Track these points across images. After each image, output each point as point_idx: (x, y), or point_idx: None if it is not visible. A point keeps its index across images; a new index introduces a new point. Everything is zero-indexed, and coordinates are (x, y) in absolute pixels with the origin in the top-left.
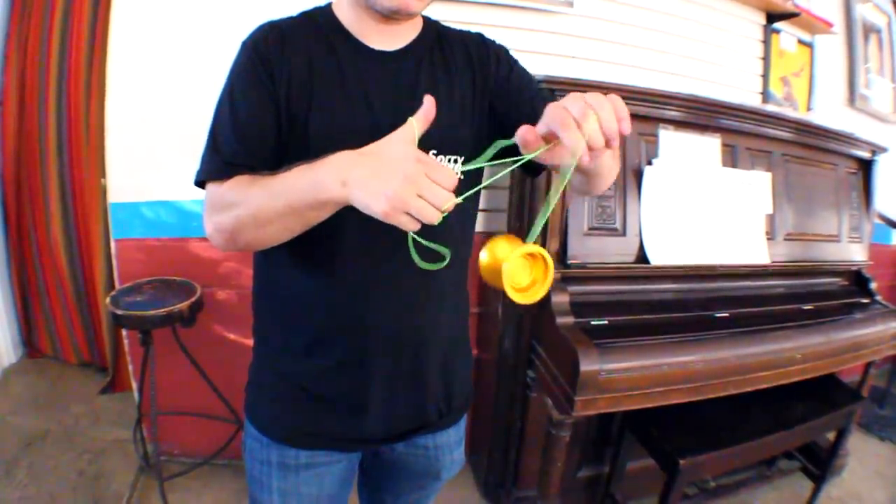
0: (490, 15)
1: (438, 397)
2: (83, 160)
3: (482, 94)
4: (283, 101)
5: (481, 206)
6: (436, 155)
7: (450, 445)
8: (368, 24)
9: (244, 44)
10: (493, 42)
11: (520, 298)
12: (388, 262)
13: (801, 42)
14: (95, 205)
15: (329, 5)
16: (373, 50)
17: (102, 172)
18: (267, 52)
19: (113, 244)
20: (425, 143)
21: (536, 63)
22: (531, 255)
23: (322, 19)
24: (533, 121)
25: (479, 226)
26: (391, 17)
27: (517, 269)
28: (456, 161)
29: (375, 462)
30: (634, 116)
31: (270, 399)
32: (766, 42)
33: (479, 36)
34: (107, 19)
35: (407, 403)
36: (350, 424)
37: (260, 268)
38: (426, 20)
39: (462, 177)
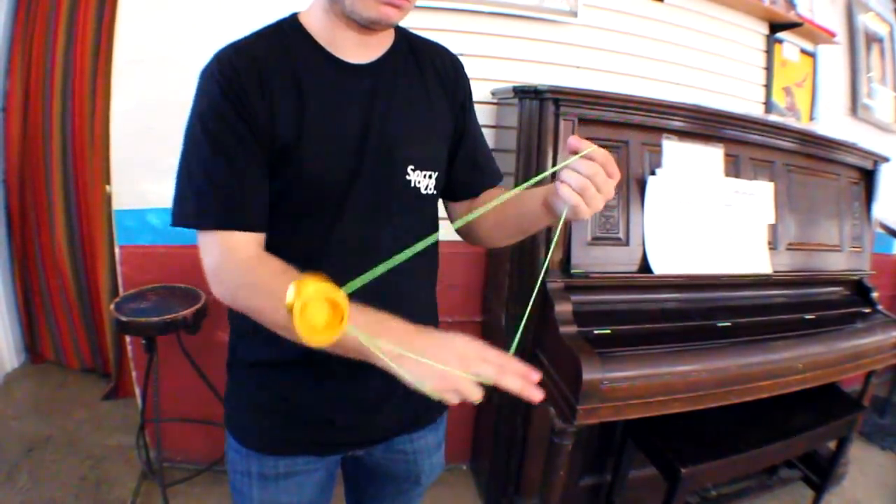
0: (494, 25)
1: (413, 399)
2: (87, 166)
3: (451, 114)
4: (269, 136)
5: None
6: (413, 170)
7: (429, 450)
8: (344, 35)
9: (208, 76)
10: (461, 66)
11: (310, 338)
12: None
13: (803, 52)
14: (99, 211)
15: (294, 16)
16: (349, 64)
17: (107, 179)
18: (240, 85)
19: (117, 251)
20: (404, 159)
21: (541, 73)
22: (332, 301)
23: (291, 34)
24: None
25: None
26: (369, 27)
27: (318, 309)
28: (430, 177)
29: (358, 468)
30: (638, 126)
31: (248, 409)
32: (769, 52)
33: (450, 53)
34: (112, 24)
35: (382, 406)
36: (326, 429)
37: None
38: (397, 28)
39: (432, 192)
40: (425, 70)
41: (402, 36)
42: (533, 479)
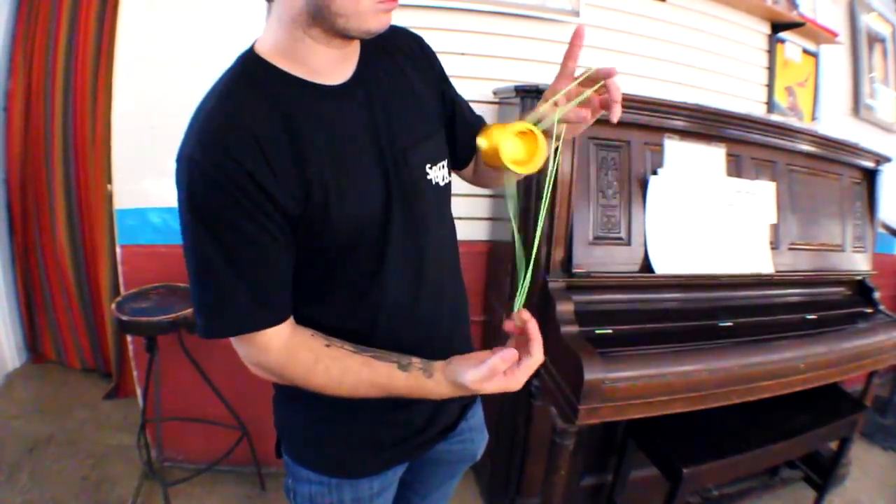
0: (496, 24)
1: None
2: (89, 165)
3: (437, 94)
4: (291, 210)
5: (486, 214)
6: (430, 168)
7: (480, 425)
8: (323, 56)
9: (198, 175)
10: (421, 38)
11: (522, 170)
12: (419, 290)
13: (805, 52)
14: (101, 210)
15: (253, 53)
16: (336, 87)
17: (108, 178)
18: (245, 173)
19: (118, 250)
20: (421, 161)
21: (542, 72)
22: (522, 132)
23: (263, 76)
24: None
25: (485, 234)
26: (355, 38)
27: (512, 145)
28: (443, 167)
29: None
30: (640, 126)
31: (325, 440)
32: (771, 52)
33: (405, 30)
34: (113, 24)
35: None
36: (414, 432)
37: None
38: None
39: (448, 180)
40: (397, 59)
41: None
42: (534, 478)
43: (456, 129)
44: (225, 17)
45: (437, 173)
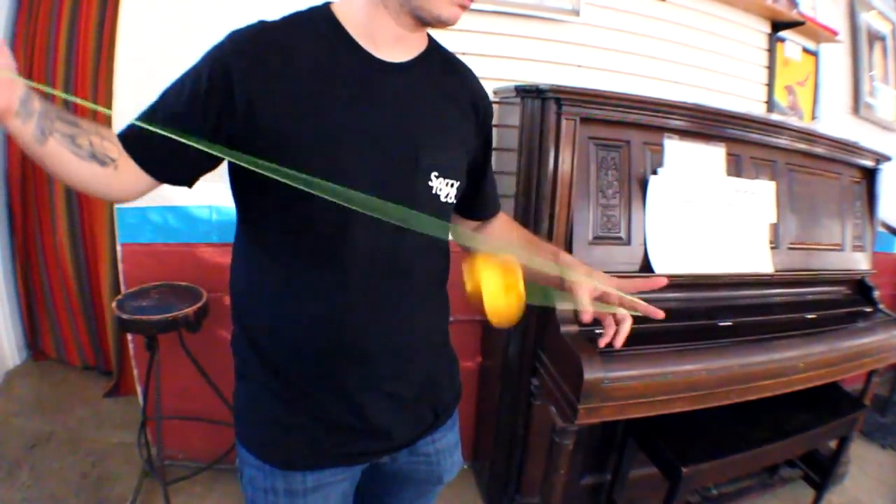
0: (496, 23)
1: (432, 398)
2: None
3: (478, 137)
4: (244, 125)
5: None
6: (437, 177)
7: (450, 448)
8: (386, 30)
9: (224, 44)
10: (490, 103)
11: (495, 318)
12: (379, 282)
13: (805, 51)
14: (101, 209)
15: (327, 6)
16: (382, 61)
17: None
18: (240, 64)
19: (119, 248)
20: (428, 165)
21: (543, 72)
22: (509, 285)
23: (322, 24)
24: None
25: None
26: (430, 25)
27: (495, 294)
28: (452, 185)
29: (376, 476)
30: (640, 126)
31: (268, 425)
32: (771, 51)
33: (479, 85)
34: (114, 21)
35: (405, 410)
36: (354, 439)
37: (248, 296)
38: (428, 36)
39: (452, 201)
40: (461, 85)
41: (435, 45)
42: (534, 478)
43: (477, 187)
44: (226, 17)
45: (442, 187)
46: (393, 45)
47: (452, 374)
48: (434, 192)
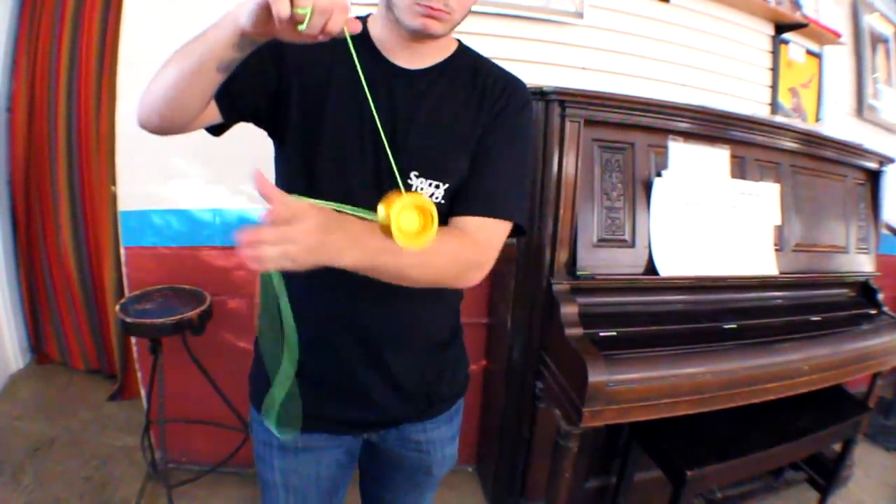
0: (500, 26)
1: (427, 386)
2: (93, 167)
3: (474, 131)
4: (287, 86)
5: None
6: (417, 177)
7: (441, 441)
8: (397, 41)
9: None
10: (523, 96)
11: (407, 244)
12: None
13: (809, 53)
14: (105, 212)
15: (365, 18)
16: (392, 64)
17: (112, 180)
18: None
19: (122, 251)
20: (407, 167)
21: (546, 74)
22: (418, 206)
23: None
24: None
25: None
26: (415, 37)
27: (405, 218)
28: (438, 187)
29: (373, 456)
30: (644, 128)
31: (268, 384)
32: (775, 53)
33: (515, 82)
34: (117, 24)
35: (393, 391)
36: (342, 409)
37: None
38: (465, 51)
39: (440, 201)
40: (474, 86)
41: (471, 59)
42: (538, 481)
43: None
44: None
45: (425, 187)
46: (405, 54)
47: (456, 370)
48: (414, 190)
